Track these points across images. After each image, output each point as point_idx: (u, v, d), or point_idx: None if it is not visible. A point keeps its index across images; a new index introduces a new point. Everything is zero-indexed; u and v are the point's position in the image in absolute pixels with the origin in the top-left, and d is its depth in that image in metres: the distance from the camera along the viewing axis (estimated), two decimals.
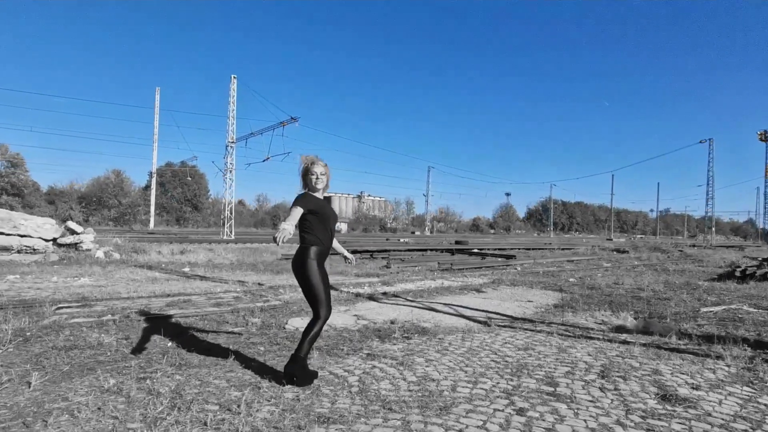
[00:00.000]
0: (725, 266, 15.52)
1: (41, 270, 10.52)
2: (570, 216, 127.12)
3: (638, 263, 16.95)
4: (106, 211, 64.51)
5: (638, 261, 18.34)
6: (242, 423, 2.65)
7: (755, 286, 9.77)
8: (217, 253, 17.63)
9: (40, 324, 5.00)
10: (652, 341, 4.92)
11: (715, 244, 47.82)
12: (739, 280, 11.14)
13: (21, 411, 2.80)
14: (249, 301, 6.79)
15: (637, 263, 16.94)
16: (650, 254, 23.78)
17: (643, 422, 2.83)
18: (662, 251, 26.55)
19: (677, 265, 16.18)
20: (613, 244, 37.90)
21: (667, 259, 20.40)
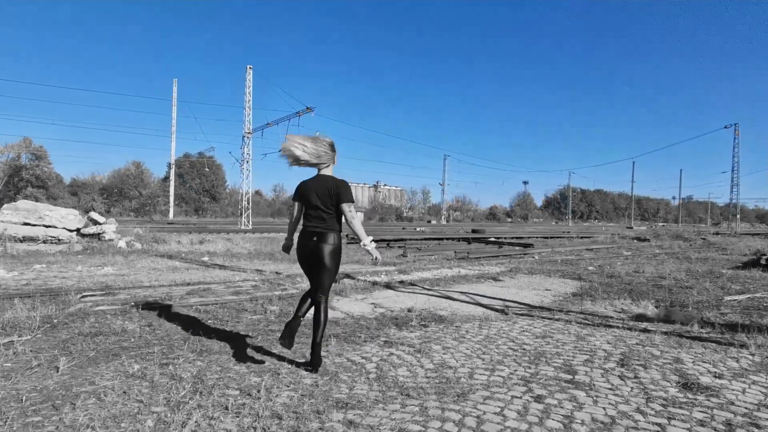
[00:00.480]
0: (750, 254, 15.14)
1: (66, 259, 10.80)
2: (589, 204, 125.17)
3: (659, 251, 16.65)
4: (127, 202, 65.78)
5: (659, 249, 18.00)
6: (262, 407, 2.70)
7: None
8: (235, 242, 17.85)
9: (67, 311, 5.15)
10: (674, 330, 4.85)
11: (740, 231, 46.61)
12: (764, 268, 10.86)
13: (50, 394, 2.90)
14: (267, 290, 6.87)
15: (658, 251, 16.64)
16: (672, 242, 23.32)
17: (663, 410, 2.80)
18: (684, 239, 26.00)
19: (700, 253, 15.84)
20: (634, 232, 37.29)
21: (689, 247, 19.99)
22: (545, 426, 2.55)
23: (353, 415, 2.63)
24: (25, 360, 3.53)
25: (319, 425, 2.50)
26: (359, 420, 2.57)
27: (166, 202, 60.63)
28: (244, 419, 2.55)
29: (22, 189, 57.41)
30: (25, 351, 3.74)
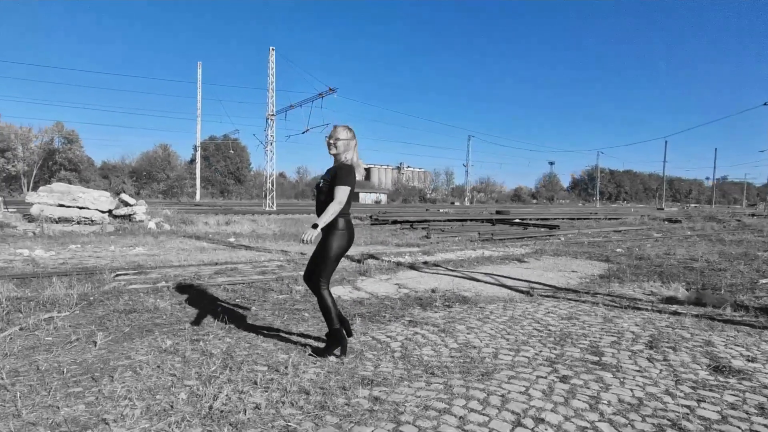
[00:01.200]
0: None
1: (99, 240, 11.17)
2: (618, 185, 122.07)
3: (691, 233, 16.17)
4: (155, 185, 67.42)
5: (691, 231, 17.48)
6: (290, 383, 2.76)
7: None
8: (260, 223, 18.13)
9: (102, 289, 5.34)
10: (705, 312, 4.73)
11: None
12: None
13: (89, 367, 3.03)
14: (292, 270, 6.98)
15: (690, 233, 16.16)
16: (705, 224, 22.59)
17: (693, 393, 2.76)
18: (718, 221, 25.15)
19: (734, 236, 15.32)
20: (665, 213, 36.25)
21: (723, 229, 19.33)
22: (571, 406, 2.54)
23: (379, 392, 2.67)
24: (65, 335, 3.69)
25: (345, 401, 2.55)
26: (385, 396, 2.61)
27: (192, 185, 61.87)
28: (273, 394, 2.62)
29: (56, 172, 59.40)
30: (64, 326, 3.91)
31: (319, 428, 2.24)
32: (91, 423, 2.27)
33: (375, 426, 2.27)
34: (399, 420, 2.33)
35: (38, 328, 3.82)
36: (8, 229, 12.76)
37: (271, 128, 37.30)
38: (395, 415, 2.38)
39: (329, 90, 32.25)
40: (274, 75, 36.76)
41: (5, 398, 2.53)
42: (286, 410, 2.43)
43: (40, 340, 3.54)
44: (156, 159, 70.36)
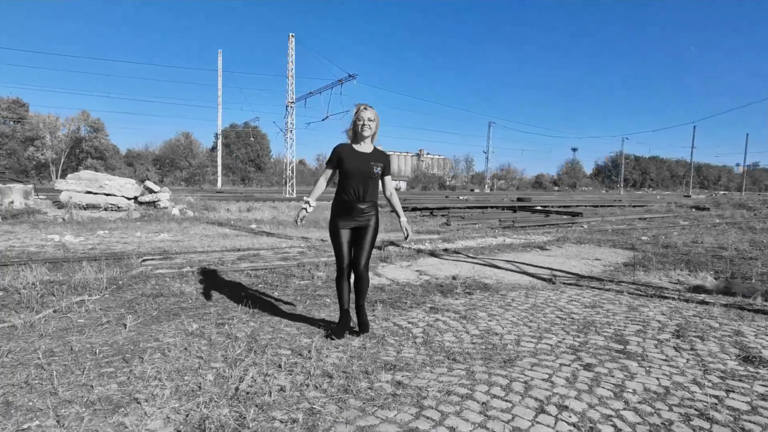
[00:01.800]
0: None
1: (126, 226, 11.45)
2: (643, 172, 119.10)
3: (720, 221, 15.72)
4: (178, 172, 68.53)
5: (720, 219, 16.99)
6: (313, 366, 2.81)
7: None
8: (280, 210, 18.31)
9: (130, 274, 5.49)
10: (734, 302, 4.62)
11: None
12: None
13: (120, 348, 3.13)
14: (313, 256, 7.05)
15: (718, 221, 15.71)
16: (734, 211, 21.93)
17: (722, 383, 2.70)
18: (748, 208, 24.38)
19: (765, 223, 14.83)
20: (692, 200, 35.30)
21: (753, 216, 18.73)
22: (595, 394, 2.52)
23: (401, 377, 2.69)
24: (96, 317, 3.81)
25: (368, 384, 2.58)
26: (407, 381, 2.63)
27: (214, 172, 62.75)
28: (297, 377, 2.67)
29: (83, 160, 60.88)
30: (95, 309, 4.04)
31: (343, 411, 2.27)
32: (123, 402, 2.35)
33: (398, 410, 2.29)
34: (422, 404, 2.35)
35: (71, 311, 3.96)
36: (39, 216, 13.18)
37: (290, 115, 37.43)
38: (418, 400, 2.39)
39: (349, 76, 32.13)
40: (294, 62, 36.77)
41: (42, 377, 2.63)
42: (310, 393, 2.47)
43: (72, 322, 3.67)
44: (178, 147, 71.43)
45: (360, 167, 3.31)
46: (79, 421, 2.15)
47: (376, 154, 3.40)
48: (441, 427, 2.13)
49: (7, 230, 10.09)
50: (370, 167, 3.33)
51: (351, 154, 3.35)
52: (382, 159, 3.40)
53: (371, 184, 3.37)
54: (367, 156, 3.36)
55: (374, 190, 3.42)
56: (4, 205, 14.43)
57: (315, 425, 2.13)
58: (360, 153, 3.37)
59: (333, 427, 2.12)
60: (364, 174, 3.32)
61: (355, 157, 3.34)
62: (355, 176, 3.31)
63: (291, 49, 36.66)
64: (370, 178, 3.33)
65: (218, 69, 55.13)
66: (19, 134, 59.41)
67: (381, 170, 3.38)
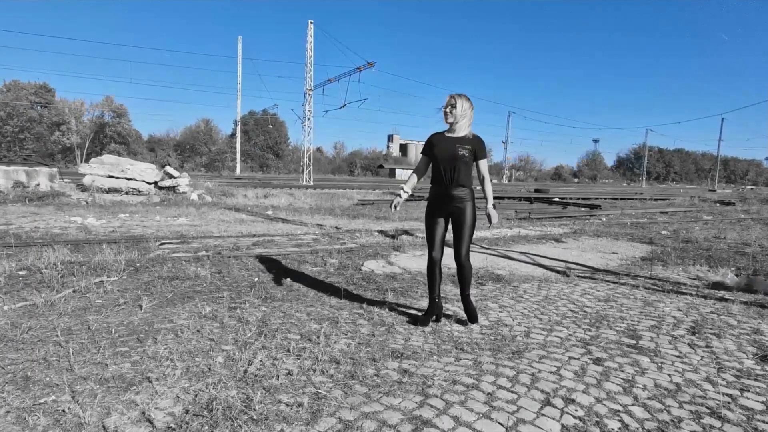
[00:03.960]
0: None
1: (146, 210, 11.67)
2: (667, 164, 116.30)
3: (745, 216, 15.28)
4: (198, 158, 69.47)
5: (745, 214, 16.52)
6: (321, 352, 2.84)
7: None
8: (296, 197, 18.44)
9: (147, 257, 5.60)
10: (755, 300, 4.50)
11: None
12: None
13: (135, 328, 3.21)
14: (327, 243, 7.09)
15: (743, 216, 15.28)
16: (761, 207, 21.28)
17: (737, 381, 2.65)
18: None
19: None
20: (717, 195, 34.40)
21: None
22: (603, 388, 2.49)
23: (408, 365, 2.70)
24: (113, 298, 3.91)
25: (375, 371, 2.60)
26: (414, 369, 2.64)
27: (233, 158, 63.36)
28: (305, 362, 2.70)
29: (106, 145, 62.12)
30: (113, 290, 4.14)
31: (348, 397, 2.29)
32: (136, 380, 2.41)
33: (403, 397, 2.30)
34: (427, 393, 2.35)
35: (89, 291, 4.06)
36: (63, 198, 13.52)
37: (308, 103, 37.46)
38: (423, 388, 2.40)
39: (368, 64, 31.91)
40: (312, 49, 36.68)
41: (60, 354, 2.72)
42: (316, 378, 2.50)
43: (91, 302, 3.77)
44: (198, 133, 72.32)
45: (447, 152, 3.30)
46: (93, 398, 2.22)
47: (466, 138, 3.34)
48: (445, 416, 2.13)
49: (33, 212, 10.38)
50: (456, 150, 3.27)
51: (441, 141, 3.36)
52: (470, 142, 3.32)
53: (460, 169, 3.29)
54: (455, 140, 3.32)
55: (465, 175, 3.32)
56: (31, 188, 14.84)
57: (320, 409, 2.15)
58: (449, 138, 3.35)
59: (337, 412, 2.14)
60: (450, 158, 3.28)
61: (443, 143, 3.34)
62: (442, 161, 3.31)
63: (310, 36, 36.56)
64: (458, 162, 3.27)
65: (238, 56, 55.33)
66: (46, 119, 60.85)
67: (469, 153, 3.29)
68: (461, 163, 3.28)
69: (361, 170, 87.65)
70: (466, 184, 3.35)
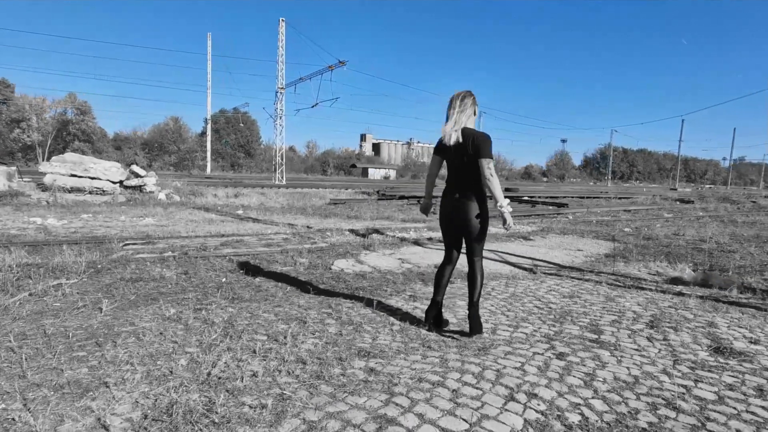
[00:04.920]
0: None
1: (110, 210, 11.31)
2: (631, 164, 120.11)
3: (703, 214, 15.93)
4: (167, 157, 67.75)
5: (704, 212, 17.22)
6: (288, 352, 2.81)
7: None
8: (268, 197, 18.21)
9: (110, 258, 5.43)
10: (711, 294, 4.69)
11: None
12: None
13: (94, 332, 3.10)
14: (297, 243, 7.02)
15: (702, 214, 15.92)
16: (718, 205, 22.24)
17: (691, 373, 2.75)
18: (732, 202, 24.73)
19: (747, 217, 15.07)
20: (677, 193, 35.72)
21: (736, 210, 19.01)
22: (565, 382, 2.55)
23: (374, 364, 2.70)
24: (72, 301, 3.77)
25: (341, 371, 2.59)
26: (380, 368, 2.64)
27: (203, 157, 62.09)
28: (271, 362, 2.67)
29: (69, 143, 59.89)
30: (72, 293, 3.99)
31: (313, 397, 2.28)
32: (92, 386, 2.33)
33: (368, 396, 2.30)
34: (392, 391, 2.36)
35: (47, 294, 3.91)
36: (23, 198, 12.96)
37: (280, 101, 37.05)
38: (389, 387, 2.41)
39: (339, 63, 31.80)
40: (284, 47, 36.28)
41: (12, 360, 2.60)
42: (282, 379, 2.47)
43: (48, 306, 3.62)
44: (167, 131, 70.49)
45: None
46: (46, 405, 2.13)
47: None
48: (409, 414, 2.14)
49: None
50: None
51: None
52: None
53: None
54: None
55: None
56: None
57: (284, 411, 2.13)
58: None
59: (302, 413, 2.12)
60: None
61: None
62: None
63: (281, 34, 36.16)
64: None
65: (208, 52, 54.23)
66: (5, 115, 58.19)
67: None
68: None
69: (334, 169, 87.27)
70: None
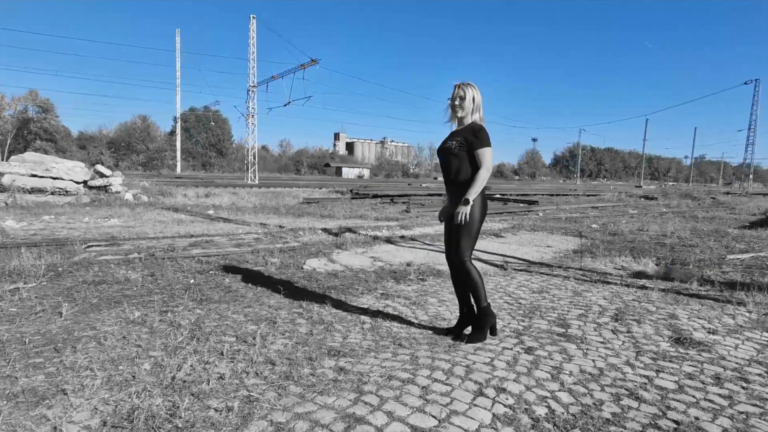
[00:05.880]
0: (759, 214, 14.98)
1: (74, 211, 10.92)
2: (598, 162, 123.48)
3: (666, 210, 16.49)
4: (135, 156, 65.91)
5: (666, 208, 17.82)
6: (257, 353, 2.76)
7: None
8: (240, 196, 17.92)
9: (71, 260, 5.23)
10: (672, 287, 4.85)
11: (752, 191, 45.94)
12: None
13: (53, 338, 2.98)
14: (269, 243, 6.93)
15: (665, 210, 16.48)
16: (680, 201, 23.07)
17: (653, 363, 2.83)
18: (693, 198, 25.71)
19: (707, 213, 15.68)
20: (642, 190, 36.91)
21: (697, 206, 19.77)
22: (533, 376, 2.59)
23: (345, 363, 2.69)
24: (30, 306, 3.61)
25: (311, 371, 2.56)
26: (350, 367, 2.62)
27: (173, 157, 60.66)
28: (238, 364, 2.61)
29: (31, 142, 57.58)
30: (30, 297, 3.83)
31: (282, 398, 2.24)
32: (49, 393, 2.24)
33: (337, 396, 2.28)
34: (362, 390, 2.35)
35: (2, 299, 3.73)
36: None
37: (252, 100, 36.51)
38: (359, 385, 2.39)
39: (311, 61, 31.56)
40: (255, 44, 35.77)
41: None
42: (250, 380, 2.42)
43: (3, 311, 3.46)
44: (135, 130, 68.57)
45: (444, 146, 3.06)
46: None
47: (463, 129, 3.03)
48: (378, 412, 2.14)
49: None
50: (447, 143, 3.03)
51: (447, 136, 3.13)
52: (463, 132, 2.99)
53: (455, 163, 3.00)
54: (453, 134, 3.07)
55: (461, 170, 2.99)
56: None
57: (251, 413, 2.09)
58: (451, 132, 3.13)
59: (269, 414, 2.08)
60: (446, 153, 3.04)
61: (446, 138, 3.10)
62: (442, 157, 3.10)
63: (252, 31, 35.63)
64: (451, 156, 3.00)
65: (176, 49, 52.97)
66: None
67: (459, 144, 2.96)
68: (456, 158, 2.99)
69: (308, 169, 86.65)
70: (464, 179, 3.00)
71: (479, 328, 3.11)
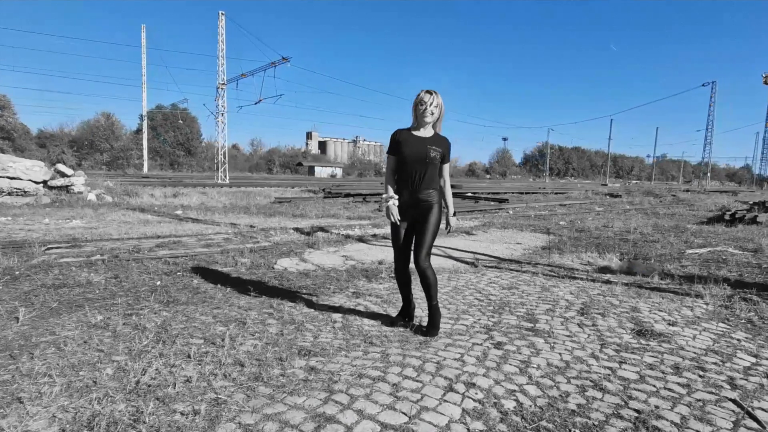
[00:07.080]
0: (716, 210, 15.65)
1: (33, 212, 10.48)
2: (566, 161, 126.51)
3: (630, 207, 17.05)
4: (99, 155, 63.63)
5: (630, 205, 18.43)
6: (225, 355, 2.71)
7: (743, 229, 9.88)
8: (210, 196, 17.56)
9: (29, 263, 5.02)
10: (635, 281, 5.02)
11: (710, 189, 47.99)
12: (727, 223, 11.25)
13: (8, 344, 2.85)
14: (239, 243, 6.82)
15: (628, 207, 17.03)
16: (643, 198, 23.89)
17: (616, 355, 2.92)
18: (655, 196, 26.66)
19: (668, 209, 16.29)
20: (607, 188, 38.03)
21: (659, 203, 20.51)
22: (502, 370, 2.63)
23: (315, 362, 2.67)
24: None
25: (281, 371, 2.53)
26: (321, 366, 2.61)
27: (139, 156, 58.89)
28: (206, 367, 2.56)
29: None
30: None
31: (251, 400, 2.21)
32: (3, 402, 2.14)
33: (307, 396, 2.26)
34: (332, 389, 2.33)
35: None
36: None
37: (221, 98, 35.83)
38: (329, 385, 2.38)
39: (282, 59, 31.20)
40: (224, 41, 35.10)
41: None
42: (218, 383, 2.38)
43: None
44: (98, 128, 66.18)
45: (417, 152, 3.12)
46: None
47: (436, 138, 3.19)
48: (348, 411, 2.13)
49: None
50: (426, 151, 3.12)
51: (409, 139, 3.15)
52: (441, 144, 3.18)
53: (429, 171, 3.15)
54: (425, 140, 3.15)
55: (433, 177, 3.19)
56: None
57: (218, 416, 2.05)
58: (418, 137, 3.16)
59: (237, 417, 2.05)
60: (420, 159, 3.12)
61: (413, 142, 3.14)
62: (411, 162, 3.13)
63: (221, 28, 34.95)
64: (427, 164, 3.12)
65: (142, 45, 51.44)
66: None
67: (439, 155, 3.16)
68: (431, 165, 3.16)
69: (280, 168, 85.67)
70: (433, 186, 3.21)
71: (434, 325, 3.25)
